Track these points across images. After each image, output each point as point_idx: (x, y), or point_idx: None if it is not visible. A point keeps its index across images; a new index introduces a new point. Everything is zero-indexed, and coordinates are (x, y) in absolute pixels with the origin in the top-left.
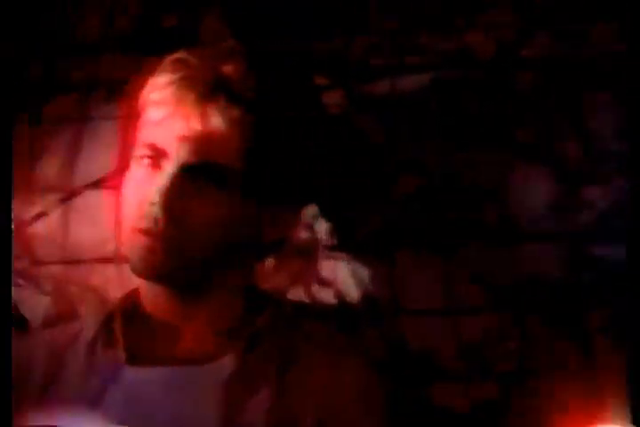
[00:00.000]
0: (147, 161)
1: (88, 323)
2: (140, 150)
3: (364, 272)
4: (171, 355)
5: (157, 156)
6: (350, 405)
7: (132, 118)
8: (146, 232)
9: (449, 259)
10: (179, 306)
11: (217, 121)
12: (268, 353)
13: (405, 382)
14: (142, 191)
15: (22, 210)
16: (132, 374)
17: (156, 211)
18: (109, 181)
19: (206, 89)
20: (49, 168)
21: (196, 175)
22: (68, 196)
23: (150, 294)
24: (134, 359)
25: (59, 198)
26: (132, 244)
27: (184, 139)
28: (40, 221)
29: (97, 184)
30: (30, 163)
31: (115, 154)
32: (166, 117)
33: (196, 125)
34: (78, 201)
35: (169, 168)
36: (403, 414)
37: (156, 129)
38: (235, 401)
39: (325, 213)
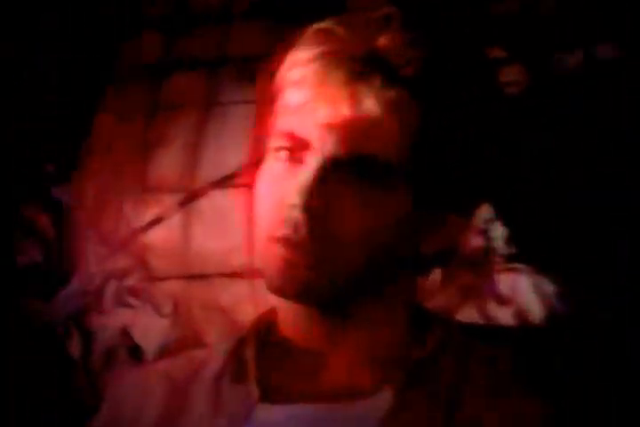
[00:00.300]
0: (284, 154)
1: (214, 352)
2: (276, 141)
3: (550, 287)
4: (314, 390)
5: (298, 147)
6: None
7: (267, 102)
8: (284, 241)
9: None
10: (325, 330)
11: (371, 104)
12: (434, 389)
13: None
14: (280, 191)
15: (135, 215)
16: (267, 413)
17: (296, 214)
18: (240, 179)
19: (357, 66)
20: (167, 164)
21: (347, 171)
22: (190, 197)
23: (290, 316)
24: (269, 396)
25: (179, 200)
26: (267, 255)
27: (330, 127)
28: (156, 228)
29: (225, 182)
30: (143, 157)
31: (247, 146)
32: (308, 101)
33: (344, 111)
34: (202, 203)
35: (312, 162)
36: None
37: (296, 115)
38: None
39: (502, 216)
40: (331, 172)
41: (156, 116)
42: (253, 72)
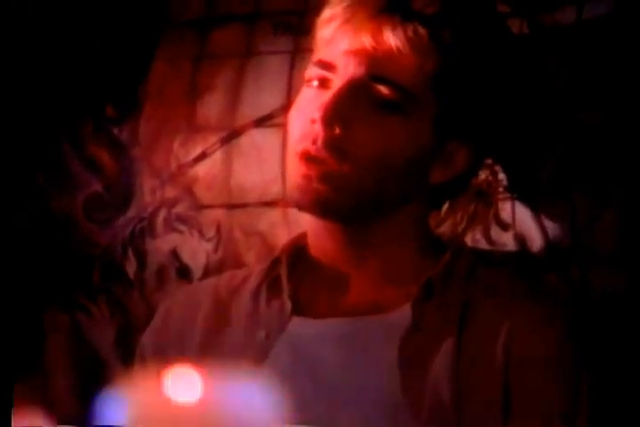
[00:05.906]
0: (315, 82)
1: (252, 271)
2: (309, 72)
3: (544, 215)
4: (339, 305)
5: (326, 70)
6: (536, 360)
7: (301, 52)
8: (303, 155)
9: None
10: (346, 250)
11: (391, 37)
12: (447, 303)
13: (593, 331)
14: (308, 111)
15: (183, 151)
16: (299, 326)
17: (316, 129)
18: (276, 119)
19: (381, 4)
20: (211, 106)
21: (367, 94)
22: (232, 135)
23: (317, 237)
24: (301, 311)
25: (221, 138)
26: (290, 170)
27: (354, 53)
28: (202, 163)
29: (262, 122)
30: (191, 101)
31: (282, 90)
32: (336, 33)
33: (367, 41)
34: (242, 140)
35: (336, 83)
36: (591, 364)
37: (326, 46)
38: (415, 355)
39: (503, 153)
40: (352, 93)
41: (202, 64)
42: (287, 25)
